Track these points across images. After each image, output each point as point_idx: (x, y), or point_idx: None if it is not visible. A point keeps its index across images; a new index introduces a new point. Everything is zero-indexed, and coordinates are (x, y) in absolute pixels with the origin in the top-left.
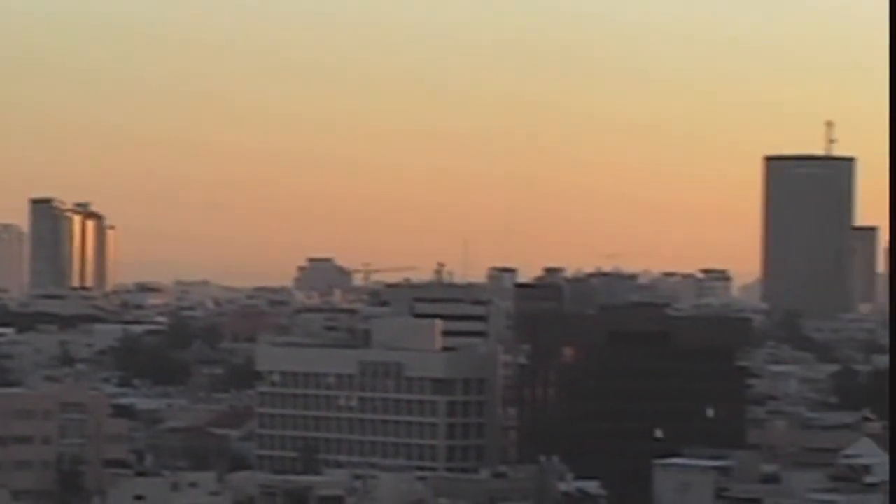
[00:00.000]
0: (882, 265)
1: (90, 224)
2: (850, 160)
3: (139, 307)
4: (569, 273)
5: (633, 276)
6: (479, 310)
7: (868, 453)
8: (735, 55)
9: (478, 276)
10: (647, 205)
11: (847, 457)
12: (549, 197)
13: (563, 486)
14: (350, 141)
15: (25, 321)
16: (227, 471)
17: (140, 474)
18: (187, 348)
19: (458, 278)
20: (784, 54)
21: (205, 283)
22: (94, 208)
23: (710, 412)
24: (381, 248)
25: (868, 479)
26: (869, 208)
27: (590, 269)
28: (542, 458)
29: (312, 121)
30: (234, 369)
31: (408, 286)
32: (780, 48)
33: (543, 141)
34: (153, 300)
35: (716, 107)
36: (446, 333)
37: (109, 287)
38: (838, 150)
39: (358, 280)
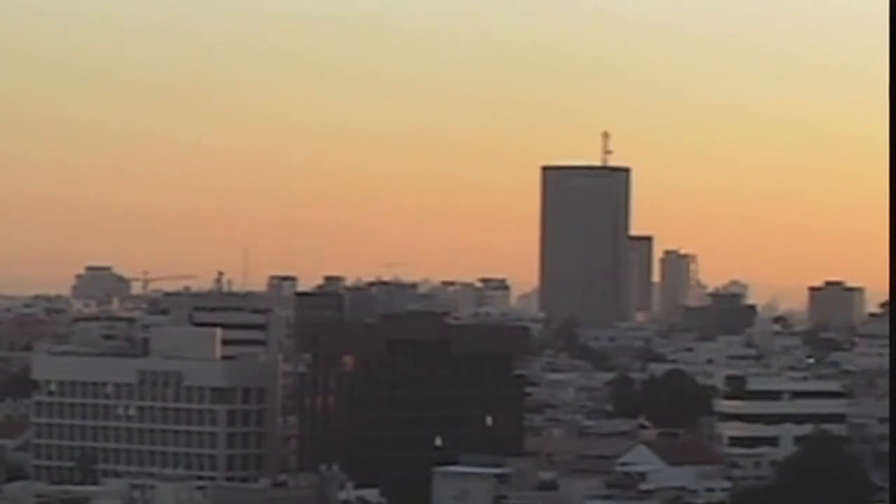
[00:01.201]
0: (657, 275)
1: None
2: (625, 171)
3: None
4: (349, 282)
5: (412, 285)
6: (258, 318)
7: (643, 460)
8: (513, 62)
9: (257, 284)
10: (427, 214)
11: (623, 464)
12: (329, 206)
13: (343, 495)
14: (127, 150)
15: None
16: (3, 481)
17: None
18: None
19: (238, 287)
20: (563, 63)
21: None
22: None
23: (488, 420)
24: (160, 256)
25: (643, 486)
26: (643, 218)
27: (370, 278)
28: (323, 467)
29: (89, 129)
30: (10, 378)
31: (187, 295)
32: (559, 56)
33: (320, 153)
34: None
35: (494, 115)
36: (226, 342)
37: None
38: (614, 161)
39: (137, 288)
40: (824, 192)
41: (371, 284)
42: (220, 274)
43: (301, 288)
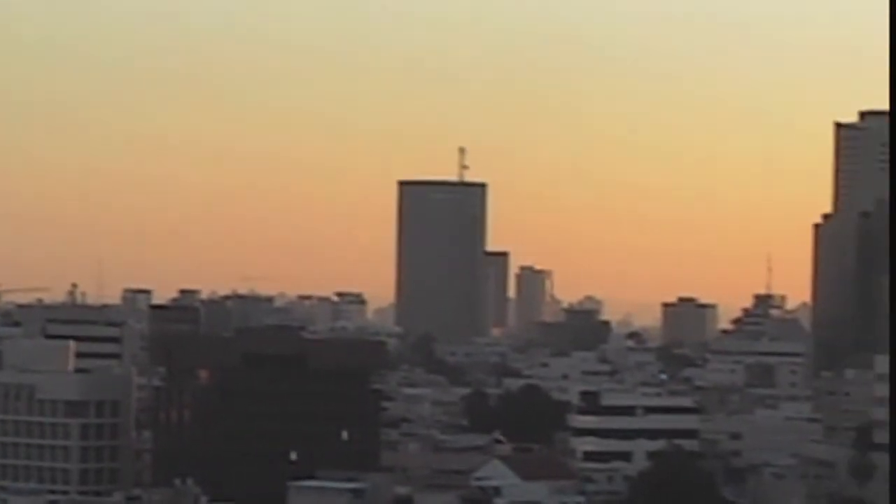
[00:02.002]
0: (512, 290)
1: None
2: (481, 186)
3: None
4: (204, 295)
5: (268, 299)
6: (113, 331)
7: (498, 475)
8: (369, 77)
9: (112, 297)
10: (283, 228)
11: (478, 479)
12: (185, 220)
13: None
14: None
15: None
16: None
17: None
18: None
19: (92, 299)
20: (420, 78)
21: None
22: None
23: (344, 434)
24: (12, 268)
25: (498, 501)
26: (499, 234)
27: (226, 292)
28: (177, 481)
29: None
30: None
31: (40, 307)
32: (415, 71)
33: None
34: None
35: (351, 129)
36: (80, 355)
37: None
38: (470, 176)
39: None
40: (680, 210)
41: (227, 298)
42: (74, 286)
43: (156, 301)
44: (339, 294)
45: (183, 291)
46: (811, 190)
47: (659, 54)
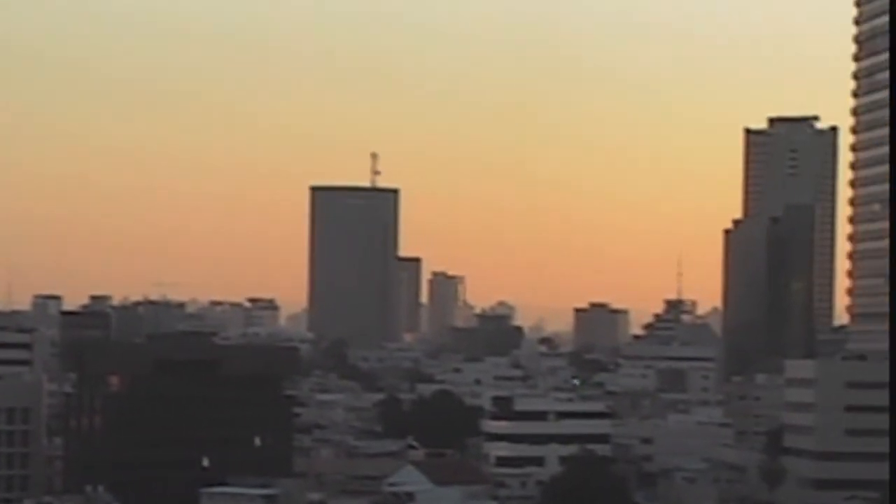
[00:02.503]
0: (425, 296)
1: None
2: (394, 192)
3: None
4: (115, 301)
5: (180, 305)
6: (23, 337)
7: (411, 481)
8: (283, 81)
9: (22, 303)
10: (195, 233)
11: (391, 484)
12: (96, 226)
13: None
14: None
15: None
16: None
17: None
18: None
19: (2, 305)
20: (332, 83)
21: None
22: None
23: (257, 440)
24: None
25: None
26: (412, 240)
27: (137, 298)
28: (88, 489)
29: None
30: None
31: None
32: (329, 76)
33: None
34: None
35: (263, 134)
36: None
37: None
38: (382, 182)
39: None
40: (591, 215)
41: (138, 304)
42: None
43: (67, 307)
44: (252, 300)
45: (94, 297)
46: (722, 195)
47: (573, 56)
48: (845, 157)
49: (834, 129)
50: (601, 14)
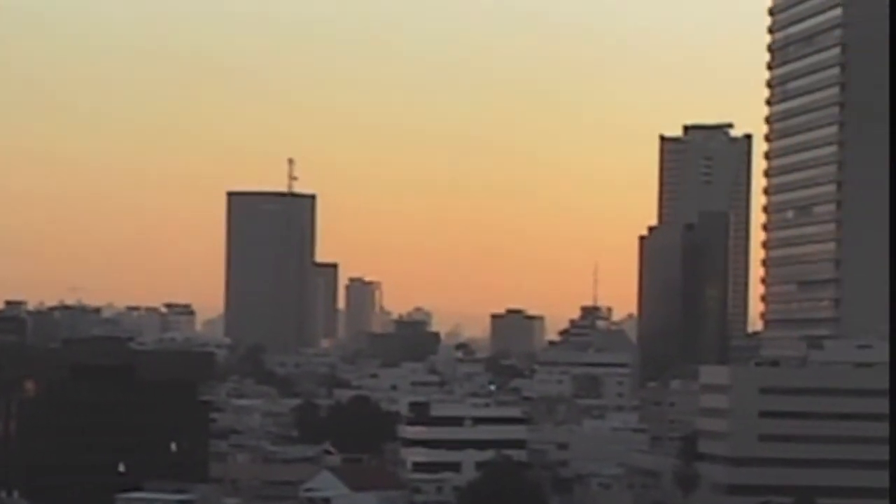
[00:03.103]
0: (342, 301)
1: None
2: (310, 197)
3: None
4: (31, 306)
5: (96, 310)
6: None
7: (328, 486)
8: (200, 86)
9: None
10: (111, 238)
11: (308, 490)
12: (11, 230)
13: None
14: None
15: None
16: None
17: None
18: None
19: None
20: (252, 88)
21: None
22: None
23: (173, 446)
24: None
25: None
26: (329, 245)
27: (52, 303)
28: (3, 494)
29: None
30: None
31: None
32: (249, 82)
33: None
34: None
35: (180, 140)
36: None
37: None
38: (299, 187)
39: None
40: (507, 222)
41: (53, 309)
42: None
43: None
44: (168, 305)
45: (8, 303)
46: (638, 202)
47: (487, 63)
48: (759, 164)
49: (748, 137)
50: (514, 19)
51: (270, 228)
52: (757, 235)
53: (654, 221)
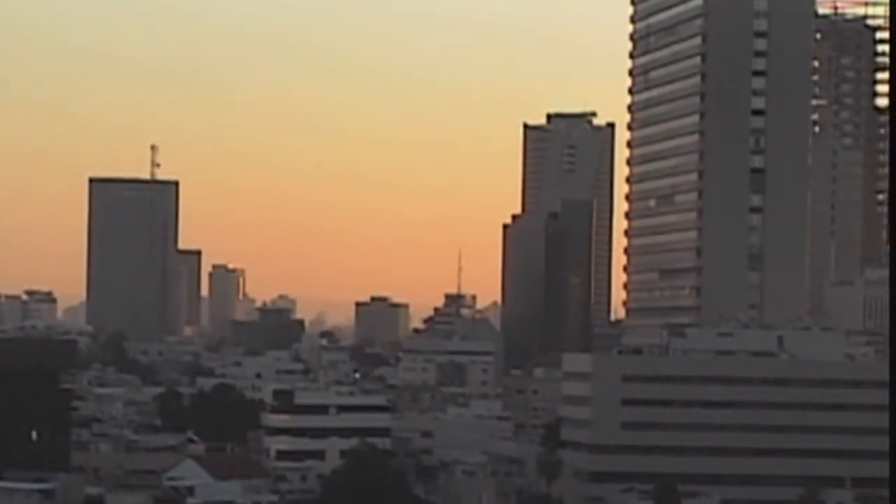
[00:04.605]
0: (205, 289)
1: None
2: (173, 184)
3: None
4: None
5: None
6: None
7: (191, 475)
8: (63, 75)
9: None
10: None
11: (170, 479)
12: None
13: None
14: None
15: None
16: None
17: None
18: None
19: None
20: (114, 73)
21: None
22: None
23: (34, 435)
24: None
25: (190, 501)
26: (191, 232)
27: None
28: None
29: None
30: None
31: None
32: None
33: None
34: None
35: (41, 127)
36: None
37: None
38: (162, 174)
39: None
40: (372, 208)
41: None
42: None
43: None
44: (29, 292)
45: None
46: (502, 190)
47: (346, 49)
48: (622, 153)
49: (611, 126)
50: (376, 6)
51: (132, 215)
52: (620, 224)
53: (517, 210)
